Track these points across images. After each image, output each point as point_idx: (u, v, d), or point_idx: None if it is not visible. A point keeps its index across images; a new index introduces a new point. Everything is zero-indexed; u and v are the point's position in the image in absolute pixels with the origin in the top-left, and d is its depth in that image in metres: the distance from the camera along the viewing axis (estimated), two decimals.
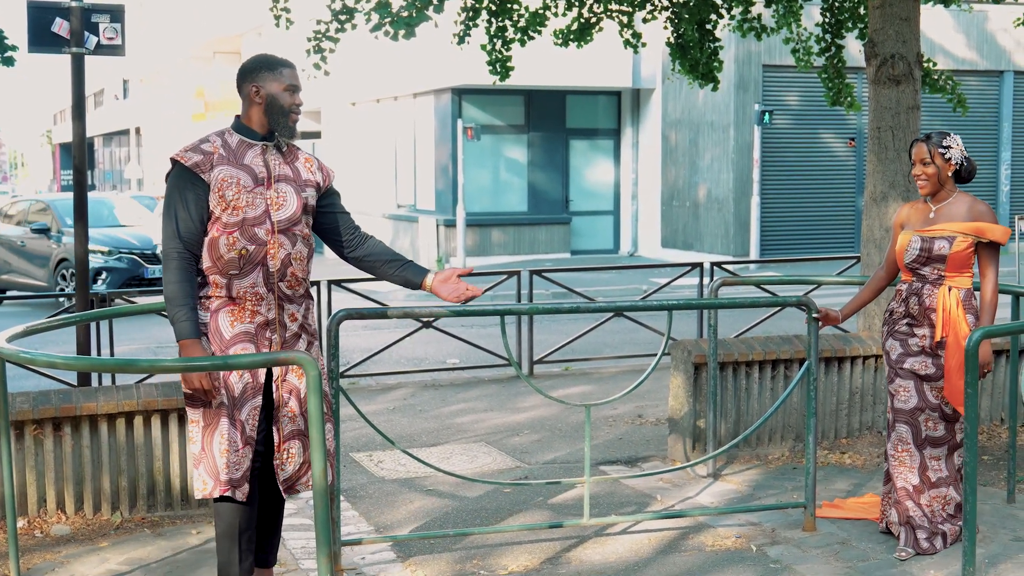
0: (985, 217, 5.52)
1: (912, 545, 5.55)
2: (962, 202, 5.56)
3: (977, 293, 5.68)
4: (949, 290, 5.51)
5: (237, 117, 4.76)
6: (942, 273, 5.52)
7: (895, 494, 5.69)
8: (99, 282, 17.13)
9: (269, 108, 4.70)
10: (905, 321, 5.64)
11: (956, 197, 5.59)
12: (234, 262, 4.57)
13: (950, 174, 5.56)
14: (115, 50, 8.07)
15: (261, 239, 4.60)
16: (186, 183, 4.58)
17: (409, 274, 4.97)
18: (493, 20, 11.57)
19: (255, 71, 4.71)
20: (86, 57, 7.90)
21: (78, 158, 7.98)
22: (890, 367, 5.71)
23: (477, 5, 11.36)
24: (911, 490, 5.63)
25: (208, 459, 4.56)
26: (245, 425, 4.57)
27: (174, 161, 4.61)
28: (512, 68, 11.91)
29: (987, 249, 5.53)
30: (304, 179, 4.79)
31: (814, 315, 5.81)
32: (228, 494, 4.55)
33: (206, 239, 4.57)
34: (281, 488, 4.71)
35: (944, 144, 5.54)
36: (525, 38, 11.69)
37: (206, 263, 4.58)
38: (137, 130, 50.49)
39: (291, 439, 4.69)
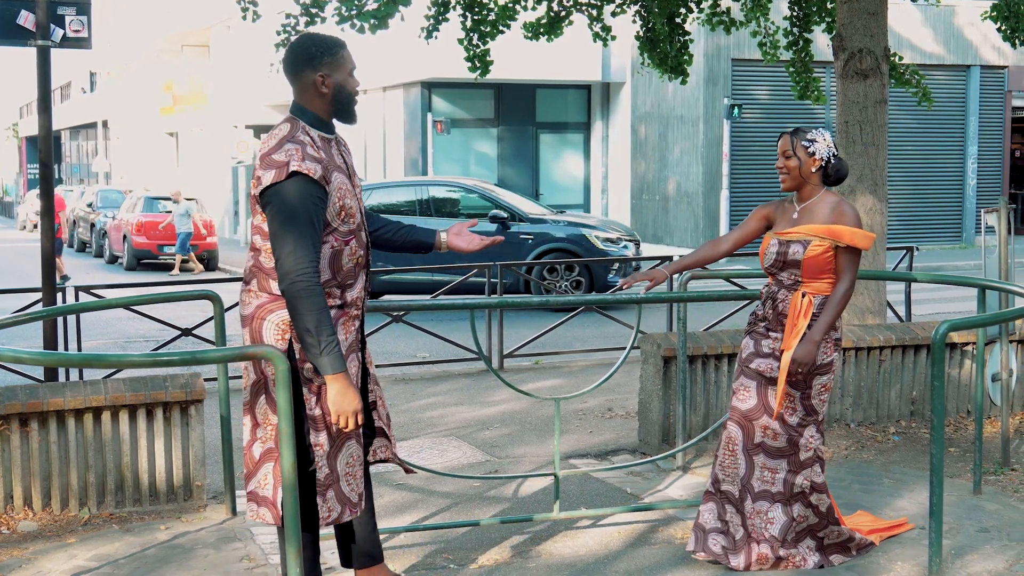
0: (846, 220, 5.14)
1: (702, 547, 5.29)
2: (827, 203, 5.21)
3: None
4: (803, 296, 5.19)
5: (300, 107, 4.36)
6: (798, 278, 5.20)
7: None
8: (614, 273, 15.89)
9: (337, 98, 4.34)
10: (763, 324, 5.34)
11: (821, 197, 5.24)
12: (351, 271, 4.36)
13: (814, 170, 5.21)
14: (81, 43, 8.02)
15: (364, 242, 4.43)
16: (313, 197, 4.15)
17: (420, 237, 4.82)
18: (468, 15, 11.56)
19: (316, 58, 4.30)
20: (52, 50, 7.85)
21: (44, 151, 7.93)
22: (738, 365, 5.41)
23: (448, 0, 11.34)
24: (720, 493, 5.32)
25: (335, 485, 4.36)
26: (362, 438, 4.48)
27: (294, 172, 4.13)
28: (491, 62, 11.91)
29: (844, 254, 5.15)
30: (354, 167, 4.56)
31: (627, 279, 5.37)
32: (355, 515, 4.42)
33: (325, 251, 4.26)
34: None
35: (808, 138, 5.21)
36: (495, 32, 11.69)
37: (324, 276, 4.26)
38: (104, 123, 50.21)
39: (390, 424, 4.72)
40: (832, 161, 5.24)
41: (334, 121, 4.45)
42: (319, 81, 4.32)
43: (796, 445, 5.23)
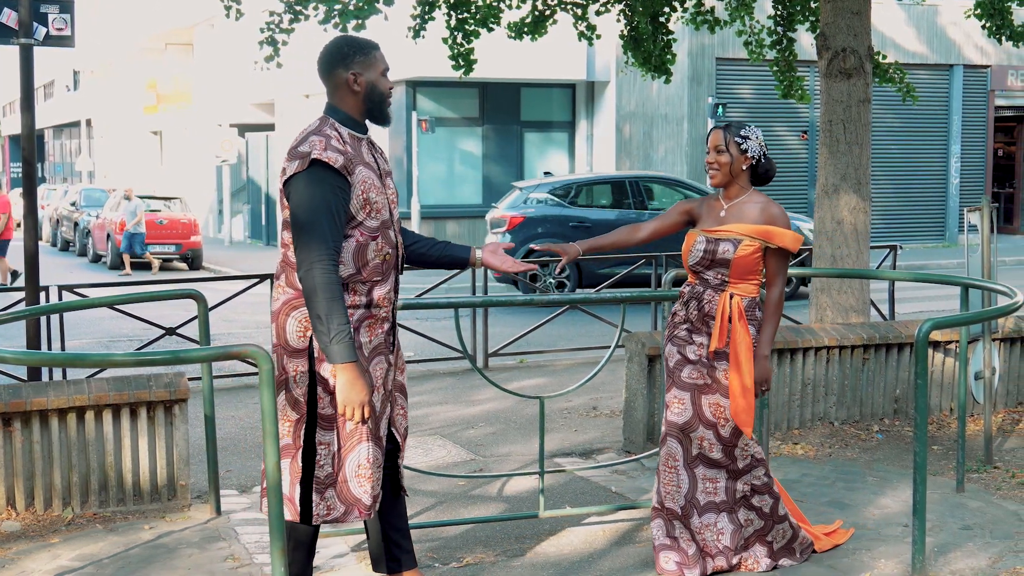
0: (776, 221, 5.07)
1: (658, 568, 5.16)
2: (755, 203, 5.12)
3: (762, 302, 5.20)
4: (731, 297, 5.06)
5: (332, 106, 4.42)
6: (725, 278, 5.07)
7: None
8: None
9: (369, 96, 4.39)
10: (685, 326, 5.19)
11: (750, 196, 5.16)
12: (378, 268, 4.35)
13: (744, 168, 5.13)
14: (64, 41, 7.99)
15: (394, 241, 4.42)
16: (333, 186, 4.18)
17: (454, 252, 4.80)
18: (453, 13, 11.55)
19: (349, 57, 4.36)
20: (35, 48, 7.82)
21: (27, 150, 7.90)
22: (667, 375, 5.24)
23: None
24: (665, 510, 5.19)
25: (341, 484, 4.33)
26: (383, 439, 4.45)
27: (314, 161, 4.18)
28: (475, 61, 11.90)
29: (775, 255, 5.08)
30: (389, 170, 4.57)
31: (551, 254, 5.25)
32: (364, 517, 4.39)
33: (349, 245, 4.27)
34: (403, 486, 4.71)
35: (742, 134, 5.13)
36: (479, 31, 11.67)
37: (348, 270, 4.28)
38: (88, 122, 50.01)
39: (405, 437, 4.66)
40: (762, 161, 5.17)
41: (368, 123, 4.48)
42: (351, 79, 4.36)
43: (732, 455, 5.13)
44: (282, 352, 4.38)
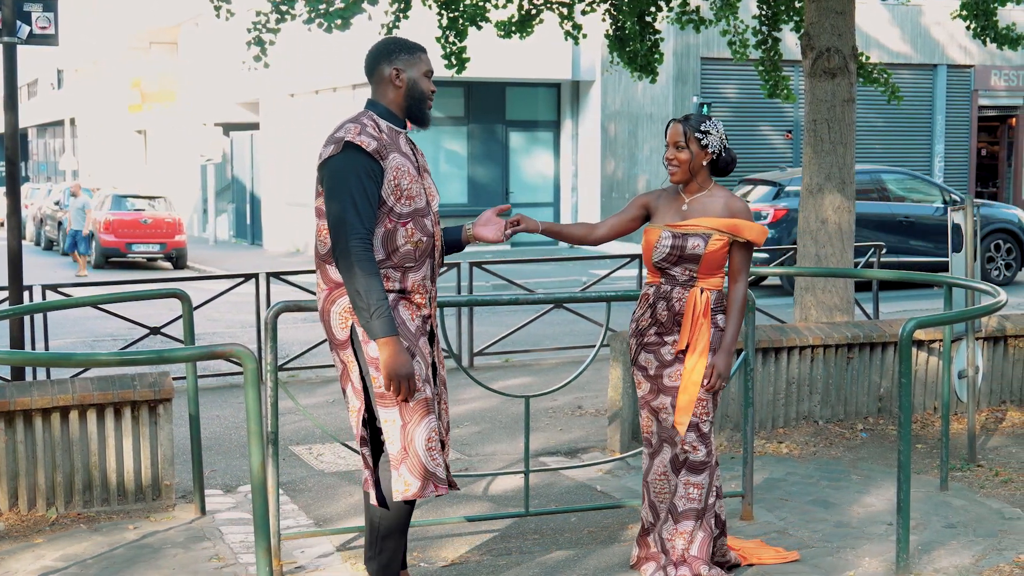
0: (742, 214, 4.96)
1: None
2: (718, 196, 4.99)
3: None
4: (701, 292, 4.94)
5: (372, 101, 4.53)
6: (694, 274, 4.94)
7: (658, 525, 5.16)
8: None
9: (409, 93, 4.50)
10: (653, 330, 5.04)
11: (711, 190, 5.02)
12: (410, 254, 4.38)
13: (705, 163, 4.97)
14: (48, 40, 7.97)
15: (429, 230, 4.46)
16: (365, 169, 4.28)
17: (449, 236, 4.79)
18: (444, 12, 11.53)
19: (394, 53, 4.49)
20: (19, 46, 7.80)
21: (11, 149, 7.88)
22: (650, 383, 5.07)
23: None
24: (654, 525, 5.15)
25: (412, 458, 4.32)
26: (439, 420, 4.47)
27: (348, 144, 4.29)
28: (468, 59, 11.89)
29: (741, 249, 4.97)
30: (427, 168, 4.62)
31: (510, 221, 4.88)
32: (442, 492, 4.37)
33: (378, 231, 4.32)
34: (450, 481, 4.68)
35: (702, 128, 4.94)
36: (467, 30, 11.64)
37: (379, 255, 4.33)
38: (72, 121, 49.85)
39: (448, 430, 4.67)
40: (723, 154, 5.03)
41: (408, 124, 4.56)
42: (393, 74, 4.49)
43: (711, 453, 5.03)
44: (334, 348, 4.45)
